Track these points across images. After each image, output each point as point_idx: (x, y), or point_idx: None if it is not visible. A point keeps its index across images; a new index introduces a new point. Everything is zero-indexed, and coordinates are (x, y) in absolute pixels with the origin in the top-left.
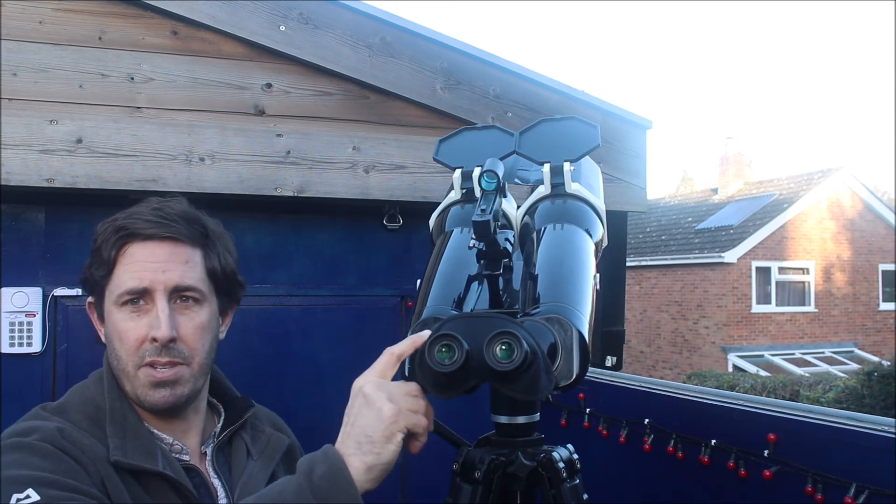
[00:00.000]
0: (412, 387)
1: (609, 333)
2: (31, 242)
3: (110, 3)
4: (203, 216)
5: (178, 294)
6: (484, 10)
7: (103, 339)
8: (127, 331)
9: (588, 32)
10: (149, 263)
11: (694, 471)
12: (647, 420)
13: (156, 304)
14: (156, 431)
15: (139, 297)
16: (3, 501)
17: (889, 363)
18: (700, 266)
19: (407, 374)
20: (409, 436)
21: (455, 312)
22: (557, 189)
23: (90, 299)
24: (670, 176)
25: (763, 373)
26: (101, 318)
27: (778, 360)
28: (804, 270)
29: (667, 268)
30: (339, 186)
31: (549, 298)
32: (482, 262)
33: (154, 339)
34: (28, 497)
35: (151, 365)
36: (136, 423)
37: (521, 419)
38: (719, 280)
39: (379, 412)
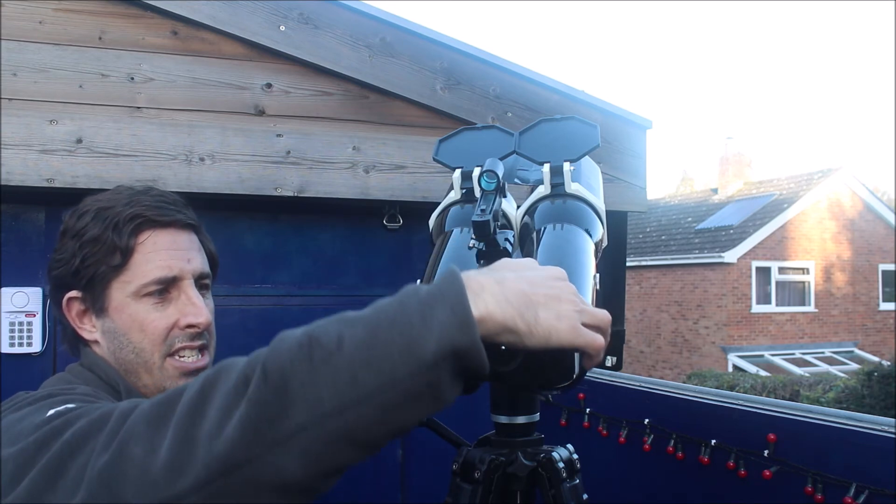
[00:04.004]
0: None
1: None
2: (31, 242)
3: (110, 3)
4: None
5: (198, 282)
6: (484, 10)
7: (90, 336)
8: (153, 321)
9: (588, 32)
10: (174, 251)
11: (694, 471)
12: (647, 420)
13: (184, 292)
14: None
15: (166, 287)
16: (36, 420)
17: (889, 363)
18: (700, 266)
19: None
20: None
21: None
22: (557, 189)
23: (73, 294)
24: (670, 176)
25: (763, 373)
26: (99, 312)
27: (778, 360)
28: (804, 270)
29: (667, 268)
30: (339, 186)
31: None
32: (482, 262)
33: (190, 326)
34: (66, 406)
35: (179, 354)
36: None
37: (520, 419)
38: (719, 280)
39: (562, 310)
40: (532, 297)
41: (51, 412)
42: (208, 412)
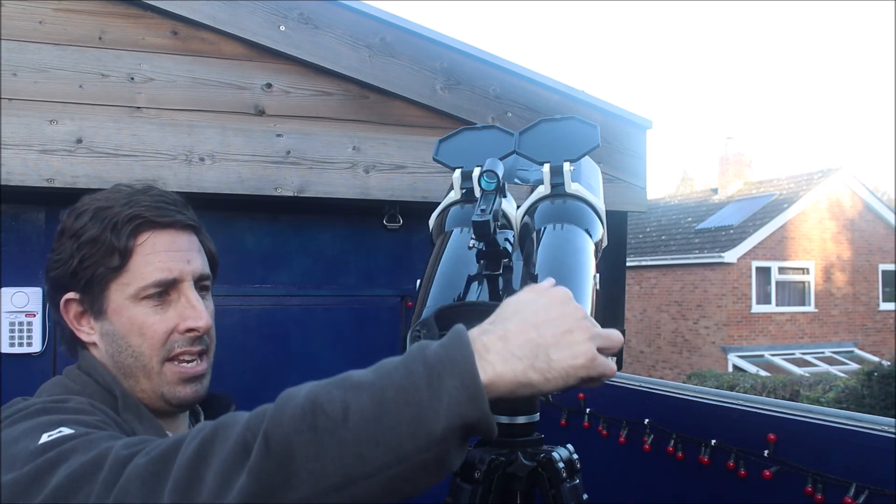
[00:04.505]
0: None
1: None
2: (31, 242)
3: (110, 3)
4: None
5: (198, 283)
6: (484, 10)
7: (88, 338)
8: (152, 324)
9: (588, 32)
10: (173, 253)
11: (694, 471)
12: (647, 420)
13: (184, 294)
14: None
15: (166, 289)
16: (30, 446)
17: (889, 363)
18: (700, 266)
19: None
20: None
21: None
22: (557, 189)
23: (71, 295)
24: (670, 176)
25: (763, 373)
26: (97, 314)
27: (778, 360)
28: (804, 270)
29: (667, 268)
30: (339, 186)
31: None
32: (482, 262)
33: (190, 330)
34: (60, 432)
35: (179, 358)
36: (147, 412)
37: (521, 419)
38: (719, 280)
39: (575, 343)
40: (540, 341)
41: (44, 439)
42: (206, 477)
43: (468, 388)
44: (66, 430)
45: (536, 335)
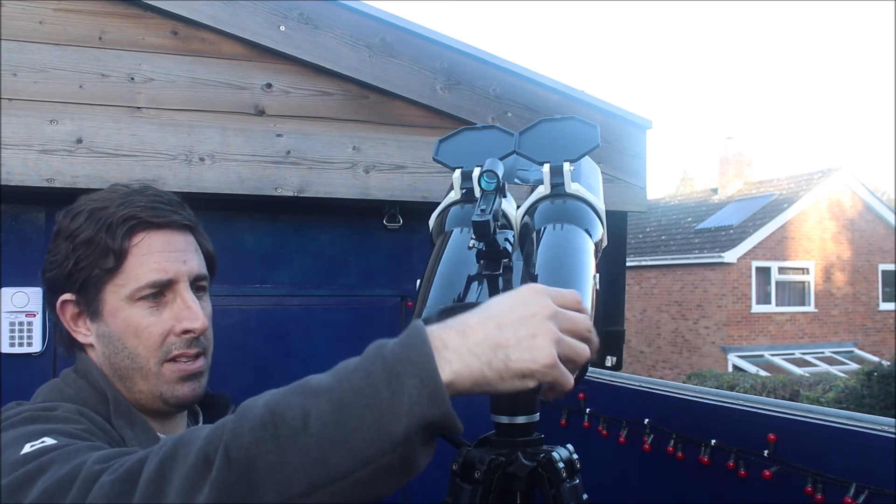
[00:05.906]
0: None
1: (609, 333)
2: (31, 242)
3: (110, 3)
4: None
5: (195, 284)
6: (484, 10)
7: (85, 340)
8: (148, 326)
9: (588, 32)
10: (169, 253)
11: (694, 471)
12: (647, 420)
13: (180, 295)
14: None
15: (161, 290)
16: (12, 457)
17: (889, 363)
18: (700, 266)
19: None
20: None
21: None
22: (557, 189)
23: (67, 297)
24: (670, 176)
25: (763, 373)
26: (93, 316)
27: (778, 360)
28: (804, 270)
29: (667, 268)
30: (339, 186)
31: None
32: (482, 262)
33: (186, 332)
34: (43, 442)
35: (177, 359)
36: (140, 417)
37: (520, 419)
38: (719, 280)
39: (536, 348)
40: (500, 340)
41: (26, 449)
42: (168, 493)
43: (428, 387)
44: (48, 441)
45: (497, 333)
